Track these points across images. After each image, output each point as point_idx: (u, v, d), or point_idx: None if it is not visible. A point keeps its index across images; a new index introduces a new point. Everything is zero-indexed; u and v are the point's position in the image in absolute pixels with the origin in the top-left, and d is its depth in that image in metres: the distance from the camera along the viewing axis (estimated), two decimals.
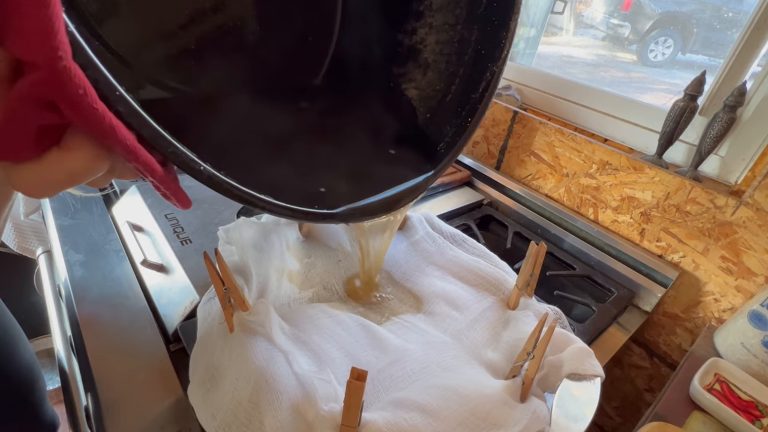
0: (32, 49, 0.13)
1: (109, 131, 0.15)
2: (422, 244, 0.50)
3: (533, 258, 0.41)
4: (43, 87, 0.13)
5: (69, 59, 0.13)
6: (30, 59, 0.13)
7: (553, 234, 0.79)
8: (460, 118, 0.36)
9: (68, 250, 0.55)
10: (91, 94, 0.14)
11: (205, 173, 0.19)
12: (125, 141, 0.16)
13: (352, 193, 0.31)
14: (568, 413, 0.41)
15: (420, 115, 0.39)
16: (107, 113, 0.15)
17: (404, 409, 0.31)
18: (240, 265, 0.41)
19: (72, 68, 0.13)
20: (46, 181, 0.15)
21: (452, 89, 0.38)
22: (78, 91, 0.14)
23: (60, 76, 0.13)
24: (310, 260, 0.46)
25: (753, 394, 0.51)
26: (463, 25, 0.37)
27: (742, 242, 0.61)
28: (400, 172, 0.34)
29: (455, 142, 0.35)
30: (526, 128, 0.83)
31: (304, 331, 0.38)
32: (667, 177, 0.66)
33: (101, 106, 0.14)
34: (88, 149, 0.15)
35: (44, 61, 0.13)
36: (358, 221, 0.34)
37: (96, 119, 0.14)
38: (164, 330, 0.47)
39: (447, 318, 0.43)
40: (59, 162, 0.15)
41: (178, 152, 0.18)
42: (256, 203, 0.22)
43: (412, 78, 0.40)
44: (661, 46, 1.58)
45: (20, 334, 0.58)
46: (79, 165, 0.16)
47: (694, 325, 0.68)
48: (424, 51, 0.39)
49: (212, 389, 0.33)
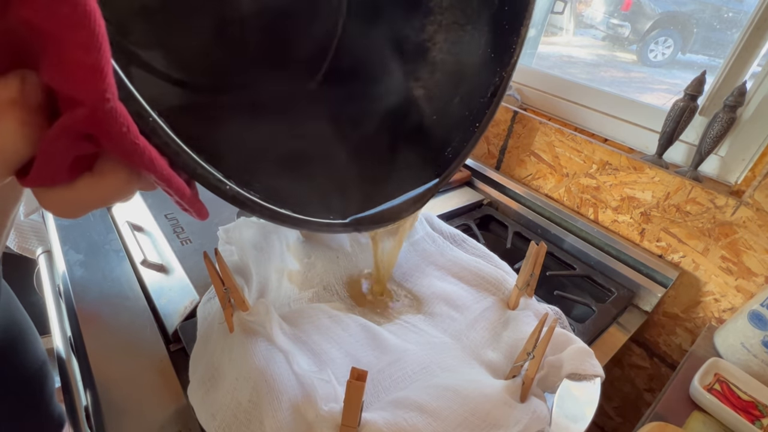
0: (78, 89, 0.12)
1: (149, 163, 0.15)
2: (422, 244, 0.50)
3: (533, 258, 0.41)
4: (87, 125, 0.13)
5: (116, 100, 0.13)
6: (74, 96, 0.13)
7: (553, 234, 0.79)
8: (468, 122, 0.35)
9: (68, 250, 0.55)
10: (133, 130, 0.14)
11: (230, 193, 0.20)
12: (162, 170, 0.16)
13: (362, 201, 0.31)
14: (568, 413, 0.41)
15: (426, 116, 0.39)
16: (147, 147, 0.15)
17: (404, 409, 0.31)
18: (240, 265, 0.41)
19: (118, 108, 0.13)
20: (78, 205, 0.16)
21: (460, 91, 0.37)
22: (122, 129, 0.14)
23: (106, 117, 0.13)
24: (310, 260, 0.46)
25: (753, 394, 0.51)
26: (473, 25, 0.36)
27: (742, 242, 0.61)
28: (408, 177, 0.34)
29: (462, 147, 0.35)
30: (526, 128, 0.83)
31: (304, 332, 0.38)
32: (667, 177, 0.66)
33: (142, 141, 0.15)
34: (121, 175, 0.16)
35: (91, 102, 0.13)
36: (369, 230, 0.34)
37: (136, 153, 0.14)
38: (164, 330, 0.47)
39: (447, 318, 0.43)
40: (92, 187, 0.15)
41: (206, 174, 0.18)
42: (276, 218, 0.23)
43: (419, 77, 0.39)
44: (661, 46, 1.58)
45: (33, 330, 0.59)
46: (112, 190, 0.16)
47: (694, 325, 0.68)
48: (433, 49, 0.38)
49: (212, 389, 0.33)
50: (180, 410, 0.39)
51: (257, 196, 0.22)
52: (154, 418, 0.38)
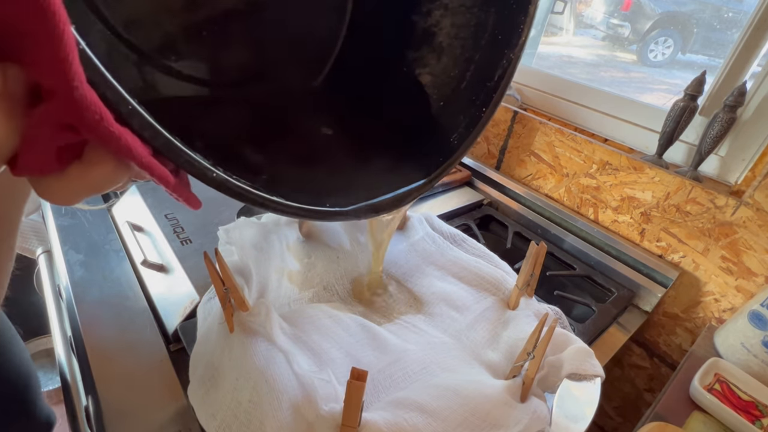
0: (49, 78, 0.13)
1: (126, 150, 0.15)
2: (422, 244, 0.50)
3: (533, 258, 0.41)
4: (61, 113, 0.14)
5: (84, 87, 0.13)
6: (47, 85, 0.13)
7: (553, 234, 0.79)
8: (474, 107, 0.34)
9: (68, 250, 0.55)
10: (107, 118, 0.14)
11: (218, 179, 0.20)
12: (141, 158, 0.16)
13: (364, 188, 0.30)
14: (568, 413, 0.41)
15: (433, 103, 0.38)
16: (123, 133, 0.15)
17: (404, 409, 0.31)
18: (240, 265, 0.41)
19: (87, 96, 0.14)
20: (70, 192, 0.17)
21: (467, 76, 0.36)
22: (95, 117, 0.14)
23: (76, 104, 0.13)
24: (310, 260, 0.46)
25: (753, 394, 0.51)
26: (479, 7, 0.35)
27: (742, 242, 0.61)
28: (411, 163, 0.34)
29: (468, 133, 0.34)
30: (526, 128, 0.83)
31: (305, 332, 0.38)
32: (667, 177, 0.66)
33: (117, 128, 0.15)
34: (108, 163, 0.16)
35: (62, 90, 0.13)
36: (368, 218, 0.33)
37: (112, 140, 0.15)
38: (164, 330, 0.47)
39: (447, 318, 0.43)
40: (82, 175, 0.16)
41: (192, 161, 0.18)
42: (268, 205, 0.22)
43: (426, 63, 0.38)
44: (661, 46, 1.58)
45: (15, 335, 0.59)
46: (101, 178, 0.17)
47: (694, 325, 0.68)
48: (439, 34, 0.38)
49: (212, 389, 0.33)
50: (180, 410, 0.39)
51: (247, 183, 0.21)
52: (154, 418, 0.38)
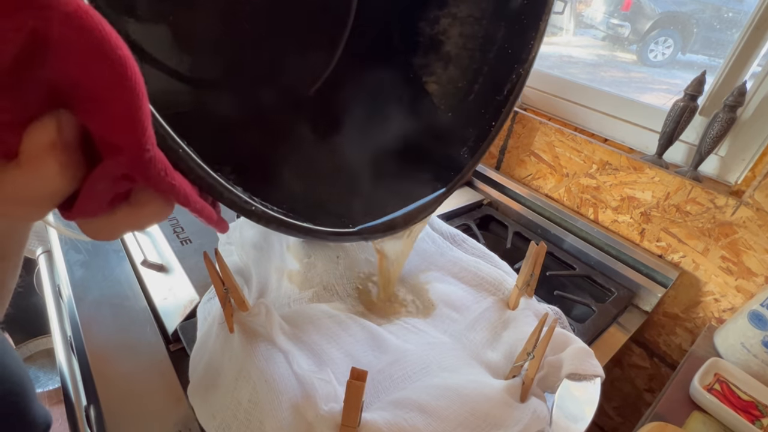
0: (119, 139, 0.13)
1: (183, 198, 0.16)
2: (422, 244, 0.50)
3: (533, 258, 0.41)
4: (127, 169, 0.14)
5: (155, 149, 0.14)
6: (114, 141, 0.13)
7: (553, 234, 0.79)
8: (483, 121, 0.34)
9: (68, 250, 0.55)
10: (170, 173, 0.15)
11: (257, 212, 0.21)
12: (195, 204, 0.17)
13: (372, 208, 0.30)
14: (568, 413, 0.41)
15: (441, 113, 0.38)
16: (183, 185, 0.16)
17: (404, 409, 0.31)
18: (240, 265, 0.41)
19: (157, 156, 0.14)
20: (116, 231, 0.17)
21: (475, 88, 0.36)
22: (160, 173, 0.14)
23: (146, 164, 0.13)
24: (310, 260, 0.46)
25: (753, 394, 0.51)
26: (489, 20, 0.35)
27: (742, 242, 0.61)
28: (421, 180, 0.34)
29: (478, 147, 0.34)
30: (526, 128, 0.83)
31: (304, 332, 0.38)
32: (667, 177, 0.66)
33: (178, 179, 0.15)
34: (155, 203, 0.17)
35: (131, 151, 0.13)
36: (380, 238, 0.33)
37: (174, 192, 0.15)
38: (164, 330, 0.47)
39: (447, 319, 0.43)
40: (130, 217, 0.16)
41: (233, 198, 0.19)
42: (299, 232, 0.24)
43: (432, 71, 0.38)
44: (661, 46, 1.58)
45: (3, 340, 0.59)
46: (149, 218, 0.17)
47: (694, 325, 0.68)
48: (447, 43, 0.38)
49: (212, 389, 0.33)
50: (180, 410, 0.39)
51: (279, 212, 0.22)
52: (154, 418, 0.38)
